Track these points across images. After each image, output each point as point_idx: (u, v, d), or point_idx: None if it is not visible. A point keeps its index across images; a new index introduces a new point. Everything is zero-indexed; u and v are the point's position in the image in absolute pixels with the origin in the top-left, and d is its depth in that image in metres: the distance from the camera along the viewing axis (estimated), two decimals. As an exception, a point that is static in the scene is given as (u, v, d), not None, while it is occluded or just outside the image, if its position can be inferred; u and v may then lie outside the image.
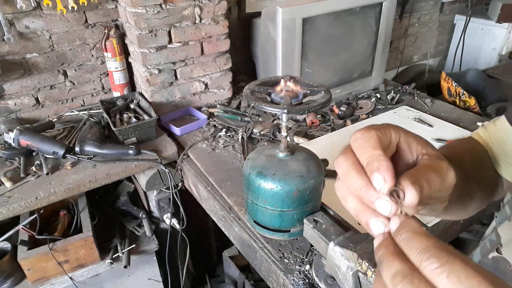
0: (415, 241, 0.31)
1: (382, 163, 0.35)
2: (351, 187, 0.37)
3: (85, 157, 1.31)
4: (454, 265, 0.28)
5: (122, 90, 1.65)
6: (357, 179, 0.36)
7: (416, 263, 0.30)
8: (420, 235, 0.31)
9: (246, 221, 1.06)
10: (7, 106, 1.51)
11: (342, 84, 1.76)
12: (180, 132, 1.51)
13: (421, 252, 0.30)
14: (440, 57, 3.09)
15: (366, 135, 0.37)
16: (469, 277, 0.27)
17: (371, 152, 0.36)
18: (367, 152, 0.36)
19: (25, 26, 1.42)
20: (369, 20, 1.69)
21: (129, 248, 1.43)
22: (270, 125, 1.51)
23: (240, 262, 1.70)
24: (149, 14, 1.41)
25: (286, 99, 0.75)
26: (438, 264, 0.28)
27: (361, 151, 0.37)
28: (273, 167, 0.86)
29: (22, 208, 1.18)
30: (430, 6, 2.71)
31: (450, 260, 0.28)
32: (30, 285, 1.30)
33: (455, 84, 1.76)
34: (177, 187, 1.42)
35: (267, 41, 1.57)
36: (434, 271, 0.28)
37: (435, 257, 0.29)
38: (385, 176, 0.34)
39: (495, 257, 0.67)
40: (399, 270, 0.30)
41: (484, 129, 0.65)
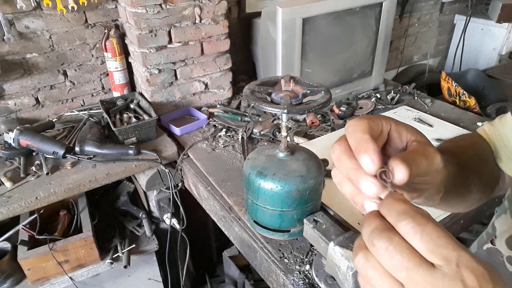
0: (394, 205, 0.33)
1: (369, 145, 0.37)
2: (344, 171, 0.39)
3: (85, 157, 1.31)
4: (427, 226, 0.31)
5: (122, 90, 1.65)
6: (348, 163, 0.38)
7: (393, 223, 0.32)
8: (399, 201, 0.34)
9: (246, 221, 1.06)
10: (7, 106, 1.51)
11: (342, 84, 1.76)
12: (180, 132, 1.51)
13: (398, 214, 0.32)
14: (440, 57, 3.09)
15: (358, 122, 0.40)
16: (439, 237, 0.30)
17: (360, 136, 0.38)
18: (356, 137, 0.38)
19: (25, 26, 1.42)
20: (369, 20, 1.69)
21: (129, 248, 1.43)
22: (270, 125, 1.51)
23: (240, 262, 1.70)
24: (149, 14, 1.41)
25: (286, 99, 0.75)
26: (413, 224, 0.31)
27: (352, 136, 0.39)
28: (273, 167, 0.86)
29: (22, 208, 1.18)
30: (430, 6, 2.71)
31: (423, 221, 0.31)
32: (30, 285, 1.30)
33: (455, 84, 1.76)
34: (177, 187, 1.42)
35: (267, 41, 1.57)
36: (409, 230, 0.31)
37: (411, 217, 0.31)
38: (372, 157, 0.36)
39: (489, 248, 0.69)
40: (377, 226, 0.33)
41: (490, 125, 0.67)
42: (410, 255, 0.31)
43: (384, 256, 0.31)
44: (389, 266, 0.31)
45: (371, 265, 0.33)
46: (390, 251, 0.31)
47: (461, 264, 0.30)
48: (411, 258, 0.30)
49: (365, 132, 0.38)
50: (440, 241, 0.30)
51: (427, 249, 0.30)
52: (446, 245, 0.30)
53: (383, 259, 0.32)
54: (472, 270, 0.29)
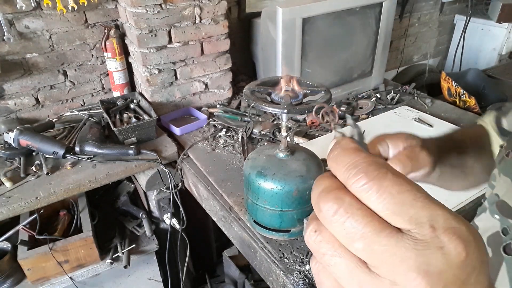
0: (343, 157, 0.26)
1: None
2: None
3: (85, 157, 1.31)
4: (385, 179, 0.23)
5: (122, 90, 1.65)
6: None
7: (343, 180, 0.25)
8: (348, 151, 0.26)
9: (246, 221, 1.06)
10: (7, 106, 1.51)
11: (342, 84, 1.76)
12: (180, 132, 1.51)
13: (348, 168, 0.25)
14: (440, 57, 3.09)
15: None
16: (402, 191, 0.23)
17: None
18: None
19: (25, 26, 1.42)
20: (369, 20, 1.69)
21: (129, 248, 1.43)
22: (270, 125, 1.51)
23: (240, 262, 1.70)
24: (149, 14, 1.41)
25: (286, 99, 0.75)
26: (366, 180, 0.24)
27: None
28: (273, 167, 0.86)
29: (22, 208, 1.18)
30: (430, 6, 2.71)
31: (380, 174, 0.24)
32: (30, 285, 1.30)
33: (455, 84, 1.76)
34: (177, 187, 1.42)
35: (267, 41, 1.57)
36: (362, 188, 0.24)
37: (363, 172, 0.24)
38: None
39: None
40: (326, 187, 0.26)
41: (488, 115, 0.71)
42: (366, 219, 0.23)
43: (334, 222, 0.24)
44: (342, 236, 0.24)
45: (324, 239, 0.25)
46: (340, 215, 0.24)
47: (438, 226, 0.22)
48: (367, 222, 0.23)
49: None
50: (404, 197, 0.23)
51: (387, 210, 0.23)
52: (413, 202, 0.23)
53: (333, 227, 0.24)
54: (454, 232, 0.22)
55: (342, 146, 0.27)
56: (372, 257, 0.23)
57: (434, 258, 0.22)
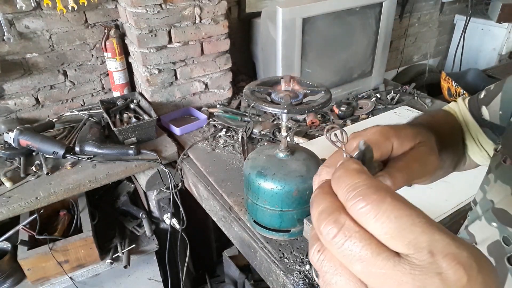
0: (345, 178, 0.27)
1: None
2: None
3: (85, 157, 1.31)
4: (384, 203, 0.24)
5: (122, 90, 1.65)
6: None
7: (343, 202, 0.26)
8: (351, 172, 0.27)
9: (246, 221, 1.06)
10: (7, 106, 1.51)
11: (342, 84, 1.76)
12: (180, 132, 1.51)
13: (348, 189, 0.26)
14: (440, 57, 3.09)
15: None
16: (400, 216, 0.23)
17: None
18: None
19: (25, 26, 1.42)
20: (369, 20, 1.69)
21: (129, 248, 1.43)
22: (270, 125, 1.51)
23: (240, 262, 1.70)
24: (149, 14, 1.41)
25: (286, 99, 0.75)
26: (364, 203, 0.24)
27: None
28: (273, 167, 0.86)
29: (22, 208, 1.18)
30: (430, 6, 2.71)
31: (379, 198, 0.24)
32: (30, 285, 1.30)
33: (455, 84, 1.76)
34: (177, 187, 1.42)
35: (267, 41, 1.57)
36: (360, 211, 0.24)
37: (362, 195, 0.25)
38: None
39: None
40: (326, 207, 0.26)
41: (455, 103, 0.69)
42: (363, 242, 0.24)
43: (333, 244, 0.25)
44: (341, 257, 0.25)
45: (326, 258, 0.26)
46: (339, 237, 0.25)
47: (437, 251, 0.22)
48: (364, 245, 0.24)
49: None
50: (403, 222, 0.23)
51: (386, 234, 0.23)
52: (412, 227, 0.23)
53: (333, 248, 0.25)
54: (454, 258, 0.22)
55: (345, 166, 0.28)
56: (370, 279, 0.24)
57: (431, 283, 0.22)
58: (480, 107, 0.63)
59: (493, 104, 0.61)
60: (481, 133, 0.63)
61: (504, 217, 0.53)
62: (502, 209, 0.53)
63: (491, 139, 0.62)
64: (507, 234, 0.52)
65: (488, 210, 0.56)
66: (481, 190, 0.60)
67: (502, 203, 0.53)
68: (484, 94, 0.64)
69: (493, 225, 0.54)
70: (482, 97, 0.64)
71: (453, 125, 0.66)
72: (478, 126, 0.63)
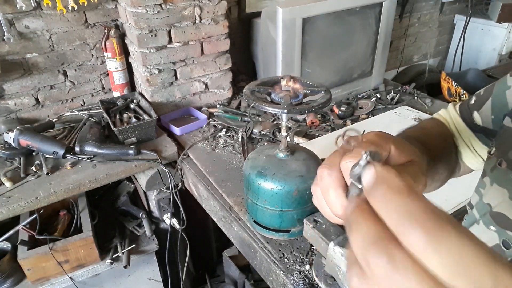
0: (394, 201, 0.23)
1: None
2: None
3: (85, 157, 1.31)
4: (443, 232, 0.21)
5: (122, 90, 1.65)
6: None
7: (394, 229, 0.23)
8: (400, 193, 0.23)
9: (246, 221, 1.06)
10: (7, 106, 1.51)
11: (342, 84, 1.76)
12: (180, 132, 1.51)
13: (402, 216, 0.22)
14: (440, 57, 3.09)
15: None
16: (464, 252, 0.20)
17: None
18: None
19: (25, 26, 1.42)
20: (369, 20, 1.69)
21: (129, 248, 1.43)
22: (270, 125, 1.51)
23: (240, 262, 1.70)
24: (149, 14, 1.41)
25: (286, 99, 0.75)
26: (423, 235, 0.21)
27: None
28: (273, 167, 0.86)
29: (22, 208, 1.18)
30: (430, 6, 2.71)
31: (440, 229, 0.21)
32: (30, 285, 1.30)
33: (455, 84, 1.76)
34: (177, 187, 1.42)
35: (267, 41, 1.57)
36: (420, 245, 0.21)
37: (420, 225, 0.21)
38: None
39: None
40: (373, 234, 0.23)
41: (446, 110, 0.68)
42: (418, 277, 0.21)
43: (382, 278, 0.22)
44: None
45: (368, 286, 0.24)
46: (392, 272, 0.21)
47: None
48: (419, 282, 0.21)
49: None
50: (466, 257, 0.20)
51: (445, 272, 0.20)
52: (475, 264, 0.20)
53: (380, 281, 0.22)
54: None
55: (389, 183, 0.24)
56: None
57: None
58: (471, 112, 0.63)
59: (484, 109, 0.61)
60: (475, 138, 0.63)
61: (502, 221, 0.52)
62: (500, 213, 0.52)
63: (485, 144, 0.62)
64: (506, 237, 0.51)
65: (485, 214, 0.55)
66: (476, 193, 0.59)
67: (500, 207, 0.53)
68: (475, 100, 0.64)
69: (492, 229, 0.54)
70: (473, 102, 0.64)
71: (445, 135, 0.65)
72: (471, 132, 0.63)
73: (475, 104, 0.63)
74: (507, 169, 0.51)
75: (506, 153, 0.52)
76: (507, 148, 0.52)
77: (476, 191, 0.59)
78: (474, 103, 0.63)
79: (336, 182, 0.36)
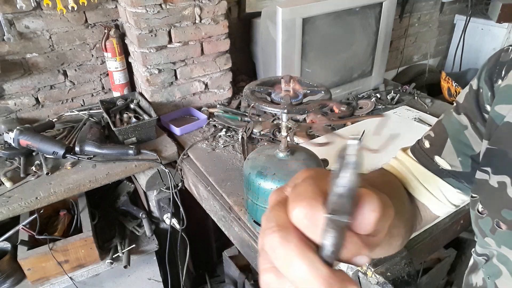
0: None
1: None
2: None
3: (85, 157, 1.31)
4: None
5: (122, 90, 1.65)
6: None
7: None
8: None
9: (246, 221, 1.06)
10: (7, 106, 1.51)
11: (342, 84, 1.76)
12: (180, 132, 1.51)
13: None
14: (440, 57, 3.09)
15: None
16: None
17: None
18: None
19: (25, 26, 1.42)
20: (369, 20, 1.69)
21: (129, 248, 1.43)
22: (270, 125, 1.51)
23: (240, 262, 1.70)
24: (149, 14, 1.41)
25: (286, 99, 0.75)
26: None
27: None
28: (273, 167, 0.86)
29: (22, 208, 1.18)
30: (430, 6, 2.71)
31: None
32: (30, 285, 1.30)
33: (455, 84, 1.76)
34: (177, 187, 1.42)
35: (267, 41, 1.57)
36: None
37: None
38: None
39: None
40: None
41: (395, 159, 0.63)
42: None
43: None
44: None
45: None
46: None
47: None
48: None
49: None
50: None
51: None
52: None
53: None
54: None
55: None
56: None
57: None
58: (432, 158, 0.58)
59: (446, 152, 0.56)
60: (444, 184, 0.57)
61: None
62: None
63: (458, 188, 0.57)
64: None
65: (496, 274, 0.51)
66: (481, 247, 0.54)
67: None
68: (430, 144, 0.59)
69: None
70: (429, 147, 0.59)
71: (393, 183, 0.59)
72: (438, 178, 0.57)
73: (432, 149, 0.58)
74: (509, 230, 0.47)
75: (499, 212, 0.47)
76: (497, 207, 0.47)
77: (480, 245, 0.54)
78: (430, 147, 0.58)
79: (299, 245, 0.25)
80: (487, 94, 0.51)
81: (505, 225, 0.46)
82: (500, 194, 0.46)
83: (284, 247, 0.25)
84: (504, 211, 0.46)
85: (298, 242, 0.25)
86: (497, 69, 0.49)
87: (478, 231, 0.52)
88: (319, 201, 0.26)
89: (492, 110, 0.49)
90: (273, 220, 0.27)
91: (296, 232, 0.26)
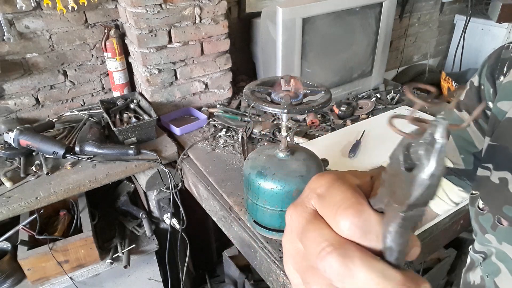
0: None
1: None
2: None
3: (85, 157, 1.31)
4: None
5: (122, 90, 1.65)
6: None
7: None
8: None
9: (246, 221, 1.06)
10: (7, 106, 1.51)
11: (342, 84, 1.76)
12: (180, 132, 1.51)
13: None
14: (440, 57, 3.09)
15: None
16: None
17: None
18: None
19: (25, 26, 1.42)
20: (369, 20, 1.69)
21: (129, 248, 1.43)
22: (270, 125, 1.51)
23: (240, 262, 1.70)
24: (149, 14, 1.41)
25: (286, 99, 0.75)
26: None
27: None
28: (273, 167, 0.86)
29: (22, 208, 1.18)
30: (430, 6, 2.71)
31: None
32: (30, 285, 1.30)
33: (455, 84, 1.76)
34: (177, 187, 1.42)
35: (267, 41, 1.57)
36: None
37: None
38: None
39: None
40: None
41: None
42: None
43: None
44: None
45: None
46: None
47: None
48: None
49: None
50: None
51: None
52: None
53: None
54: None
55: None
56: None
57: None
58: None
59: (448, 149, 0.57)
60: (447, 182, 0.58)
61: None
62: None
63: (460, 186, 0.58)
64: None
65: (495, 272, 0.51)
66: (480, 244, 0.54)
67: None
68: None
69: None
70: None
71: None
72: None
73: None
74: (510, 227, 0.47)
75: (500, 209, 0.47)
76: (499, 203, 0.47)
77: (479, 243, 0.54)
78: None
79: (363, 258, 0.23)
80: (489, 91, 0.51)
81: (506, 221, 0.46)
82: (502, 190, 0.46)
83: (347, 266, 0.22)
84: (506, 208, 0.46)
85: (360, 255, 0.23)
86: (499, 65, 0.49)
87: (478, 228, 0.52)
88: (364, 204, 0.24)
89: (494, 107, 0.49)
90: (318, 240, 0.24)
91: (353, 245, 0.23)
